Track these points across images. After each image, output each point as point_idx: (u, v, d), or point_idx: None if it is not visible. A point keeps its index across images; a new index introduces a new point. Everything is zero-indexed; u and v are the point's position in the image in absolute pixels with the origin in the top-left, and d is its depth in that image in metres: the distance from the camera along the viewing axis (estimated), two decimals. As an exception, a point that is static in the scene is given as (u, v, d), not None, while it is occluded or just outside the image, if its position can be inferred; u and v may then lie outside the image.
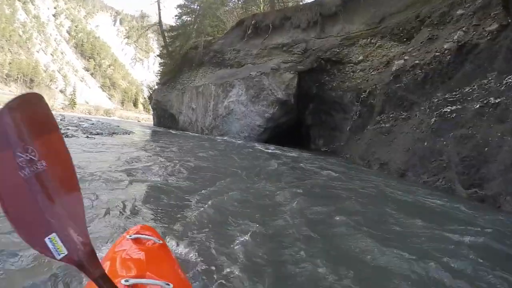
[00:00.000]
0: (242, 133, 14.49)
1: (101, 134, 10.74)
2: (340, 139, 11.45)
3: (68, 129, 10.61)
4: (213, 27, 23.00)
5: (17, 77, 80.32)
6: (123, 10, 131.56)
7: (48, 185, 0.65)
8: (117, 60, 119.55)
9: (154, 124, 26.32)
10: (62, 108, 59.91)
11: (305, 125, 14.10)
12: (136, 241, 1.15)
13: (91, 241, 0.72)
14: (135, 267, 0.94)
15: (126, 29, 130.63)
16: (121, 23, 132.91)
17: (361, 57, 11.53)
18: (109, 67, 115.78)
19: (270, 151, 9.85)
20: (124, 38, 73.38)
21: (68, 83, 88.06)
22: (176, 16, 23.51)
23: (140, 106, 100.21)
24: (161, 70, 24.38)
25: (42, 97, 0.70)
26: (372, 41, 11.14)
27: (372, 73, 10.74)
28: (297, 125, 14.16)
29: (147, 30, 23.81)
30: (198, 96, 17.49)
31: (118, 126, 17.43)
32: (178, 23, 23.66)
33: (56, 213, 0.66)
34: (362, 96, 10.14)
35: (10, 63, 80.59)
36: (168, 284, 0.87)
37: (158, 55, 26.38)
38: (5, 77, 77.32)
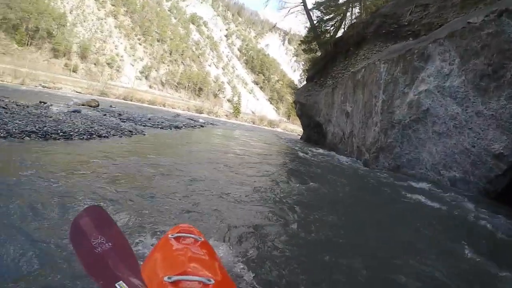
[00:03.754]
0: (446, 169, 5.88)
1: None
2: None
3: None
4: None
5: (187, 85, 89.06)
6: (291, 30, 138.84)
7: (115, 255, 1.05)
8: (286, 76, 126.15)
9: (301, 138, 21.40)
10: (226, 115, 58.19)
11: None
12: (178, 239, 1.25)
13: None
14: (177, 264, 1.02)
15: (294, 48, 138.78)
16: (289, 42, 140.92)
17: None
18: (277, 82, 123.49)
19: None
20: (293, 56, 77.32)
21: (236, 94, 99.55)
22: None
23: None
24: (306, 62, 19.34)
25: (101, 207, 1.23)
26: None
27: None
28: None
29: (289, 10, 19.64)
30: (356, 89, 10.50)
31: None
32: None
33: (121, 270, 1.01)
34: None
35: (181, 73, 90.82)
36: (210, 280, 0.92)
37: (301, 41, 21.15)
38: (176, 84, 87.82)
